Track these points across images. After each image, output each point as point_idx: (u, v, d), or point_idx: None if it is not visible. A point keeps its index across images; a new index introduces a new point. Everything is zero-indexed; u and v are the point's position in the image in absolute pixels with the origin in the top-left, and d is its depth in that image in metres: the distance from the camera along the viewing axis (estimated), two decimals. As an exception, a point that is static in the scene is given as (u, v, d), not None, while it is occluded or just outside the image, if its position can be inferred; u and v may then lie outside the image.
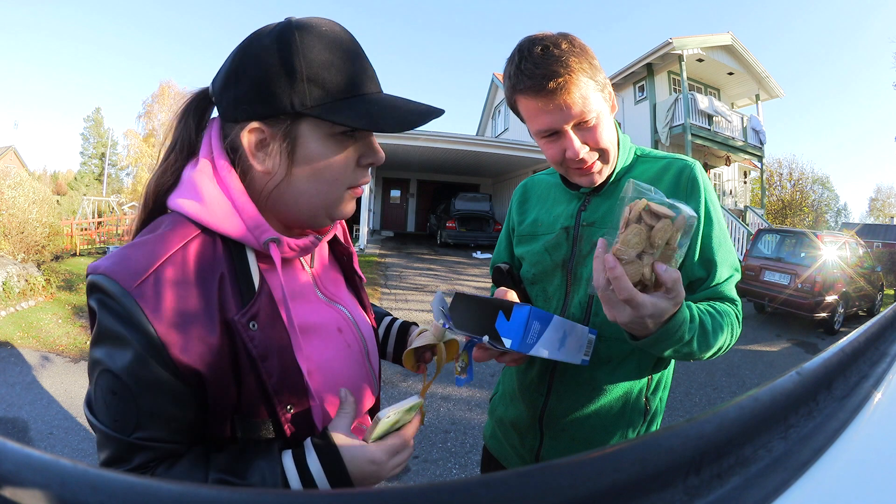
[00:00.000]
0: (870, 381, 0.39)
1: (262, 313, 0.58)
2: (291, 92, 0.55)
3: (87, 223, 12.09)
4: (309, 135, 0.58)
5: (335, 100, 0.57)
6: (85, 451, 2.84)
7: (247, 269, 0.59)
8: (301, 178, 0.60)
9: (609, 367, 0.89)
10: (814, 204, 22.64)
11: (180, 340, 0.53)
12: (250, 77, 0.56)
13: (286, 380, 0.59)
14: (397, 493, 0.22)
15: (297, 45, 0.55)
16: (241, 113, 0.58)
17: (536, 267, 0.98)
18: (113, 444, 0.55)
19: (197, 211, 0.58)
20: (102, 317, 0.54)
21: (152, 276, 0.53)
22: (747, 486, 0.26)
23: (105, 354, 0.54)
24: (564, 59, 0.77)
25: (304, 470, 0.56)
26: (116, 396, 0.53)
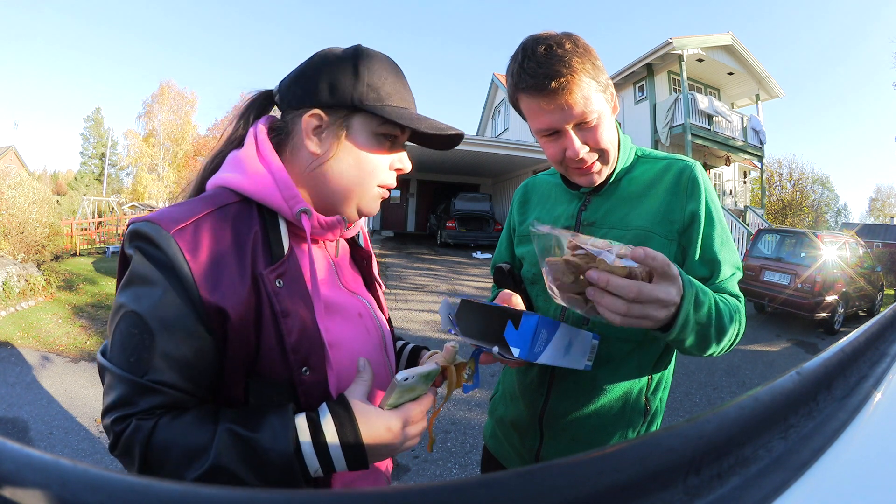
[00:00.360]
0: (870, 381, 0.39)
1: (289, 274, 0.62)
2: (353, 90, 0.66)
3: (87, 223, 12.09)
4: (359, 128, 0.67)
5: (385, 105, 0.67)
6: (85, 451, 2.84)
7: (278, 235, 0.65)
8: (343, 163, 0.68)
9: (609, 367, 0.89)
10: (814, 204, 22.64)
11: (211, 280, 0.57)
12: (323, 74, 0.66)
13: (305, 340, 0.61)
14: (397, 493, 0.22)
15: (365, 58, 0.67)
16: (307, 100, 0.67)
17: (537, 267, 0.98)
18: (122, 386, 0.55)
19: (238, 181, 0.65)
20: (137, 262, 0.57)
21: (192, 225, 0.58)
22: (747, 486, 0.26)
23: (131, 297, 0.56)
24: (567, 59, 0.77)
25: (316, 430, 0.56)
26: (135, 336, 0.55)
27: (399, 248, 12.26)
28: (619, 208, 0.91)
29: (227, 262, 0.59)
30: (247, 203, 0.65)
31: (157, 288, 0.56)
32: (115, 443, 0.56)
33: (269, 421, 0.55)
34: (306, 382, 0.61)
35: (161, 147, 28.61)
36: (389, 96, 0.68)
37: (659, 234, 0.87)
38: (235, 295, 0.58)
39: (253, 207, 0.65)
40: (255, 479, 0.53)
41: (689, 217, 0.86)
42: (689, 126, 11.70)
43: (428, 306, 6.51)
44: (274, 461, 0.53)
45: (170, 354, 0.55)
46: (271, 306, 0.59)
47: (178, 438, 0.54)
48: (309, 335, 0.61)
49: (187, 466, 0.53)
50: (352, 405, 0.58)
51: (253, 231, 0.62)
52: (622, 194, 0.92)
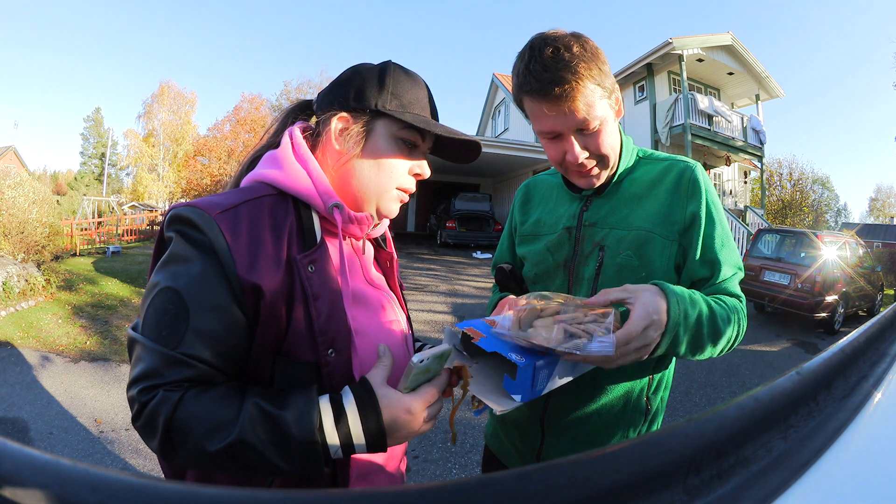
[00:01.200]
0: (870, 381, 0.39)
1: (320, 262, 0.66)
2: (378, 97, 0.71)
3: (87, 223, 12.09)
4: (381, 132, 0.72)
5: (406, 112, 0.72)
6: (85, 451, 2.84)
7: (312, 226, 0.69)
8: (365, 163, 0.72)
9: (609, 368, 0.89)
10: (814, 204, 22.62)
11: (249, 259, 0.60)
12: (353, 82, 0.73)
13: (332, 323, 0.64)
14: (397, 494, 0.22)
15: (392, 71, 0.73)
16: (336, 104, 0.73)
17: (538, 267, 0.98)
18: (152, 357, 0.57)
19: (275, 175, 0.70)
20: (178, 243, 0.61)
21: (233, 210, 0.63)
22: (747, 486, 0.26)
23: (169, 274, 0.59)
24: (574, 64, 0.76)
25: (339, 410, 0.58)
26: (170, 310, 0.58)
27: (399, 248, 12.20)
28: (620, 209, 0.91)
29: (265, 245, 0.62)
30: (283, 196, 0.69)
31: (195, 265, 0.59)
32: (138, 413, 0.56)
33: (294, 400, 0.57)
34: (331, 364, 0.64)
35: (161, 147, 28.63)
36: (411, 105, 0.73)
37: (660, 234, 0.87)
38: (270, 274, 0.61)
39: (289, 200, 0.69)
40: (277, 456, 0.55)
41: (690, 218, 0.87)
42: (689, 126, 11.70)
43: (428, 306, 6.51)
44: (297, 438, 0.54)
45: (202, 330, 0.57)
46: (303, 289, 0.63)
47: (203, 412, 0.55)
48: (336, 319, 0.65)
49: (210, 439, 0.54)
50: (374, 387, 0.61)
51: (289, 220, 0.67)
52: (624, 195, 0.92)
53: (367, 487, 0.58)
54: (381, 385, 0.61)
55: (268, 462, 0.55)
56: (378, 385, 0.61)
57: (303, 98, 0.82)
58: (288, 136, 0.74)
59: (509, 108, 17.78)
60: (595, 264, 0.89)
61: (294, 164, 0.70)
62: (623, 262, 0.87)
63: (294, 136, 0.73)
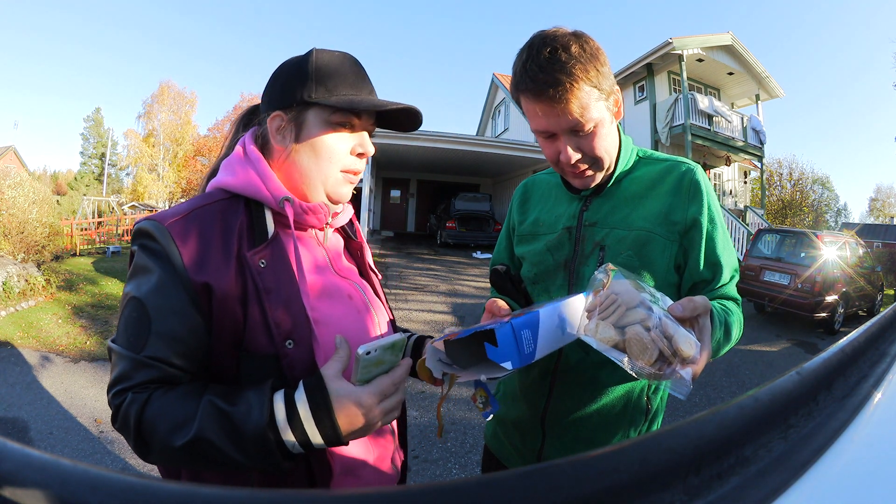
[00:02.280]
0: (870, 381, 0.39)
1: (272, 256, 0.68)
2: (302, 88, 0.72)
3: (87, 223, 12.08)
4: (312, 121, 0.73)
5: (333, 96, 0.72)
6: (85, 451, 2.84)
7: (263, 222, 0.71)
8: (303, 153, 0.74)
9: (611, 367, 0.89)
10: (814, 204, 22.62)
11: (198, 261, 0.64)
12: (279, 81, 0.75)
13: (288, 315, 0.66)
14: (397, 494, 0.22)
15: (312, 58, 0.73)
16: (270, 105, 0.75)
17: (538, 267, 0.98)
18: (123, 362, 0.62)
19: (227, 180, 0.73)
20: (138, 256, 0.65)
21: (184, 219, 0.66)
22: (747, 486, 0.26)
23: (134, 286, 0.64)
24: (570, 66, 0.76)
25: (291, 405, 0.59)
26: (135, 318, 0.62)
27: (399, 248, 12.26)
28: (620, 209, 0.91)
29: (213, 246, 0.65)
30: (236, 198, 0.72)
31: (153, 275, 0.63)
32: (115, 415, 0.62)
33: (246, 395, 0.60)
34: (290, 355, 0.65)
35: (161, 147, 28.62)
36: (337, 87, 0.73)
37: (660, 234, 0.87)
38: (220, 273, 0.64)
39: (241, 202, 0.72)
40: (235, 451, 0.57)
41: (691, 220, 0.87)
42: (689, 126, 11.69)
43: (428, 306, 6.51)
44: (248, 434, 0.57)
45: (164, 333, 0.62)
46: (255, 284, 0.65)
47: (167, 410, 0.59)
48: (293, 311, 0.66)
49: (174, 435, 0.57)
50: (325, 380, 0.61)
51: (239, 220, 0.69)
52: (624, 195, 0.92)
53: (367, 488, 0.58)
54: (334, 378, 0.62)
55: (228, 457, 0.58)
56: (331, 378, 0.61)
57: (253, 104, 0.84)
58: (241, 143, 0.77)
59: (509, 108, 17.77)
60: (596, 264, 0.90)
61: (243, 167, 0.73)
62: (624, 263, 0.87)
63: (245, 140, 0.77)
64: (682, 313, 0.65)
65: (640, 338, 0.63)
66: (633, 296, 0.67)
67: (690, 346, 0.62)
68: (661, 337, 0.63)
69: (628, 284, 0.68)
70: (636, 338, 0.63)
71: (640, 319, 0.65)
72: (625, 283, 0.68)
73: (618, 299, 0.66)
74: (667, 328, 0.64)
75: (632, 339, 0.63)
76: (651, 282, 0.87)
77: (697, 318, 0.67)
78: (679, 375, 0.61)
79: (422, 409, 3.45)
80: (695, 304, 0.66)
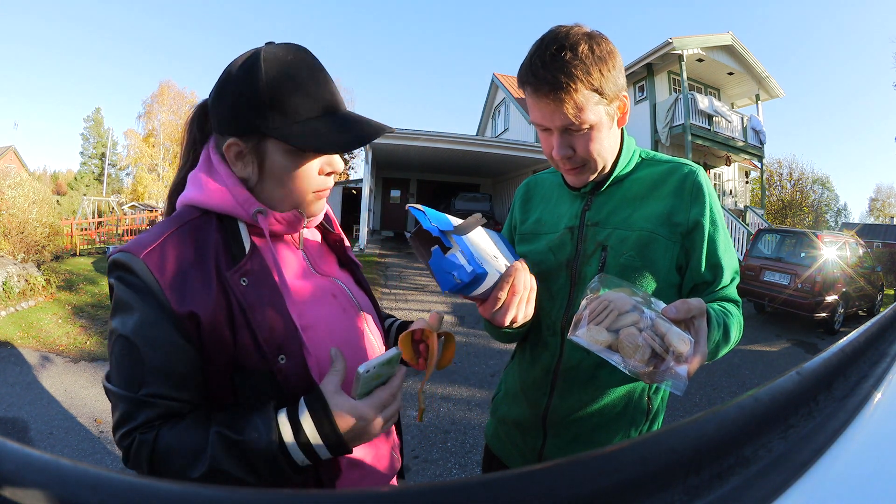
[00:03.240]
0: (870, 381, 0.39)
1: (253, 272, 0.66)
2: (257, 117, 0.65)
3: (87, 223, 12.08)
4: (274, 150, 0.68)
5: (293, 122, 0.66)
6: (85, 451, 2.84)
7: (239, 238, 0.69)
8: (270, 185, 0.70)
9: (611, 367, 0.89)
10: (814, 204, 22.62)
11: (179, 291, 0.62)
12: (227, 101, 0.67)
13: (277, 330, 0.65)
14: (397, 494, 0.22)
15: (263, 75, 0.65)
16: (222, 129, 0.69)
17: (539, 266, 0.98)
18: (123, 403, 0.61)
19: (196, 196, 0.69)
20: (118, 290, 0.63)
21: (159, 247, 0.63)
22: (747, 486, 0.26)
23: (119, 322, 0.62)
24: (570, 67, 0.77)
25: (297, 427, 0.61)
26: (126, 356, 0.61)
27: (399, 248, 12.25)
28: (622, 209, 0.91)
29: (191, 272, 0.63)
30: (207, 215, 0.69)
31: (136, 310, 0.61)
32: (125, 457, 0.62)
33: (252, 421, 0.60)
34: (284, 370, 0.65)
35: (161, 147, 28.63)
36: (296, 110, 0.65)
37: (663, 235, 0.87)
38: (202, 300, 0.62)
39: (213, 218, 0.69)
40: (248, 475, 0.59)
41: (693, 221, 0.87)
42: (689, 126, 11.69)
43: (428, 306, 6.51)
44: (262, 459, 0.59)
45: (158, 368, 0.61)
46: (239, 304, 0.64)
47: (177, 446, 0.60)
48: (281, 324, 0.65)
49: (187, 471, 0.58)
50: (326, 398, 0.62)
51: (213, 239, 0.67)
52: (625, 195, 0.92)
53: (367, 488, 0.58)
54: (334, 393, 0.63)
55: (242, 480, 0.59)
56: (331, 394, 0.63)
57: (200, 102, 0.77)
58: (205, 152, 0.73)
59: (509, 108, 17.77)
60: (598, 264, 0.90)
61: (210, 181, 0.69)
62: (626, 263, 0.87)
63: (209, 152, 0.72)
64: (675, 314, 0.68)
65: (632, 337, 0.65)
66: (626, 301, 0.69)
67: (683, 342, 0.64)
68: (653, 336, 0.65)
69: (621, 291, 0.72)
70: (628, 337, 0.66)
71: (632, 322, 0.67)
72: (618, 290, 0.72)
73: (610, 304, 0.69)
74: (659, 327, 0.66)
75: (624, 339, 0.66)
76: (653, 283, 0.87)
77: (693, 319, 0.69)
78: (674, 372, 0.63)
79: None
80: (689, 305, 0.68)
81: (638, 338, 0.65)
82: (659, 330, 0.66)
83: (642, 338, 0.65)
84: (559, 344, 0.92)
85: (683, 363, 0.64)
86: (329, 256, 0.85)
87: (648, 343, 0.65)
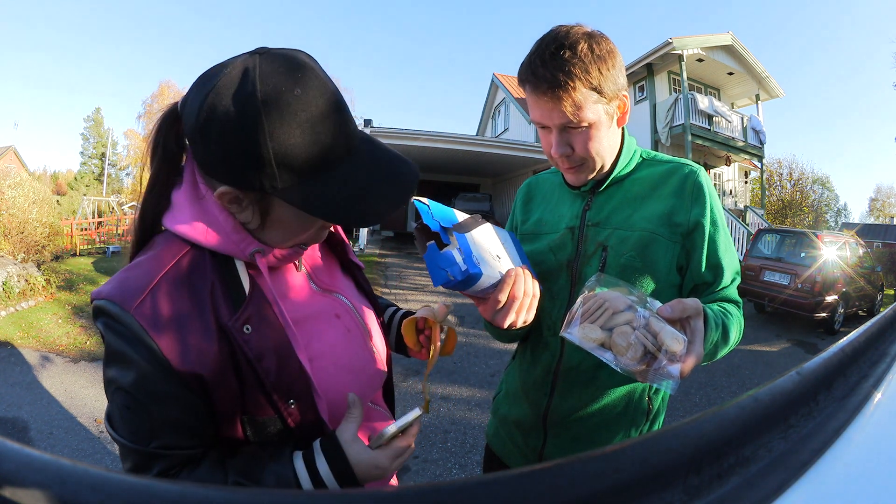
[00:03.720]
0: (870, 381, 0.39)
1: (255, 316, 0.61)
2: (261, 175, 0.54)
3: (87, 223, 12.09)
4: (280, 206, 0.60)
5: (303, 179, 0.56)
6: (85, 451, 2.84)
7: (236, 277, 0.62)
8: (271, 232, 0.63)
9: (612, 368, 0.90)
10: (814, 204, 22.62)
11: (179, 351, 0.57)
12: (216, 146, 0.54)
13: (285, 376, 0.62)
14: (397, 494, 0.22)
15: (264, 122, 0.52)
16: (213, 174, 0.58)
17: (540, 266, 0.98)
18: (133, 456, 0.59)
19: (186, 230, 0.61)
20: (109, 338, 0.57)
21: (149, 296, 0.57)
22: (747, 486, 0.26)
23: (116, 373, 0.58)
24: (568, 66, 0.77)
25: (314, 473, 0.60)
26: (130, 410, 0.58)
27: (399, 248, 12.25)
28: (623, 209, 0.91)
29: (190, 326, 0.57)
30: (199, 251, 0.61)
31: (133, 365, 0.56)
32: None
33: (270, 469, 0.60)
34: (294, 413, 0.63)
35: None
36: (308, 161, 0.55)
37: (664, 235, 0.88)
38: (205, 356, 0.58)
39: (205, 254, 0.61)
40: None
41: (694, 222, 0.88)
42: (689, 126, 11.69)
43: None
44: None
45: (165, 420, 0.58)
46: (244, 353, 0.59)
47: None
48: (288, 369, 0.62)
49: None
50: (344, 448, 0.62)
51: (209, 283, 0.60)
52: (626, 195, 0.92)
53: (367, 488, 0.58)
54: (352, 443, 0.62)
55: None
56: (349, 443, 0.62)
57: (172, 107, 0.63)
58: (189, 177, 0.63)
59: (509, 108, 17.77)
60: (598, 264, 0.90)
61: (200, 217, 0.61)
62: (626, 263, 0.87)
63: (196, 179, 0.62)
64: (670, 314, 0.68)
65: (624, 335, 0.66)
66: (621, 300, 0.70)
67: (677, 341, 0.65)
68: (645, 334, 0.66)
69: (617, 290, 0.72)
70: (621, 336, 0.66)
71: (626, 321, 0.68)
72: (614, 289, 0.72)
73: (605, 303, 0.69)
74: (652, 326, 0.66)
75: (616, 337, 0.66)
76: (653, 283, 0.87)
77: (689, 319, 0.69)
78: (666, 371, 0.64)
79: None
80: (684, 305, 0.68)
81: (631, 336, 0.65)
82: (653, 329, 0.66)
83: (635, 336, 0.65)
84: (560, 344, 0.92)
85: (677, 362, 0.64)
86: (330, 263, 0.82)
87: (641, 341, 0.65)
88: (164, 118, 0.62)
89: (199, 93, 0.55)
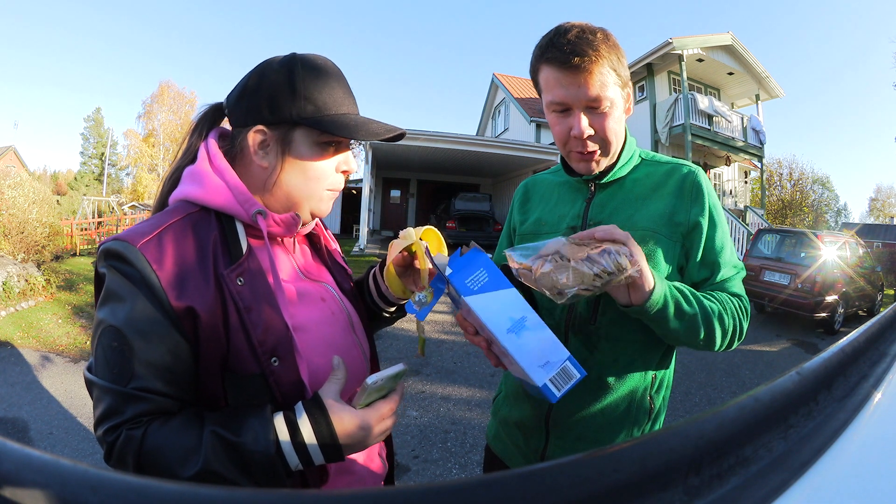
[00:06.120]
0: (870, 381, 0.39)
1: (249, 272, 0.67)
2: (292, 106, 0.69)
3: (87, 223, 12.09)
4: (301, 140, 0.71)
5: (324, 116, 0.70)
6: (85, 451, 2.84)
7: (236, 237, 0.69)
8: (290, 173, 0.71)
9: (615, 368, 0.90)
10: (814, 204, 22.64)
11: (178, 285, 0.61)
12: (263, 91, 0.70)
13: (271, 332, 0.65)
14: (397, 493, 0.22)
15: (300, 72, 0.70)
16: (251, 118, 0.70)
17: None
18: (109, 396, 0.59)
19: (195, 192, 0.69)
20: (110, 280, 0.61)
21: (156, 237, 0.63)
22: (747, 486, 0.26)
23: (108, 312, 0.60)
24: (596, 44, 0.81)
25: (294, 430, 0.60)
26: (115, 348, 0.59)
27: (399, 248, 12.21)
28: (624, 209, 0.92)
29: (191, 267, 0.63)
30: (206, 212, 0.69)
31: (129, 300, 0.59)
32: (108, 452, 0.59)
33: (250, 424, 0.59)
34: (276, 372, 0.64)
35: (161, 147, 28.63)
36: (327, 106, 0.70)
37: (665, 235, 0.88)
38: (202, 296, 0.62)
39: (212, 215, 0.69)
40: (241, 478, 0.58)
41: (693, 221, 0.89)
42: (689, 126, 11.69)
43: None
44: (258, 461, 0.58)
45: (149, 361, 0.59)
46: (235, 303, 0.63)
47: (167, 444, 0.57)
48: (274, 326, 0.65)
49: (180, 469, 0.56)
50: (326, 405, 0.62)
51: (212, 236, 0.67)
52: (627, 195, 0.93)
53: (367, 488, 0.58)
54: (334, 401, 0.63)
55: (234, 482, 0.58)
56: (331, 402, 0.63)
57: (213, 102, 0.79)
58: (204, 149, 0.73)
59: (509, 108, 17.77)
60: None
61: (212, 178, 0.70)
62: None
63: (210, 148, 0.72)
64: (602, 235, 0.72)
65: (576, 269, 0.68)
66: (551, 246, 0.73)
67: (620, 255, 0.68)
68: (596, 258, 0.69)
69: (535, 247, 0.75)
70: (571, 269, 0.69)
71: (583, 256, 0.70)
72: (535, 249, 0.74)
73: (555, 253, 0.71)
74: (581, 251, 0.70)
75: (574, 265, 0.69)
76: None
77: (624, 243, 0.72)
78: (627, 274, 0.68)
79: (422, 409, 3.45)
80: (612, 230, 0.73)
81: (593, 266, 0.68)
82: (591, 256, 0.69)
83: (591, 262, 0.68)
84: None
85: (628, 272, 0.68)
86: (318, 264, 0.86)
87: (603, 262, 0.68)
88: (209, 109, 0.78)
89: (248, 73, 0.72)
